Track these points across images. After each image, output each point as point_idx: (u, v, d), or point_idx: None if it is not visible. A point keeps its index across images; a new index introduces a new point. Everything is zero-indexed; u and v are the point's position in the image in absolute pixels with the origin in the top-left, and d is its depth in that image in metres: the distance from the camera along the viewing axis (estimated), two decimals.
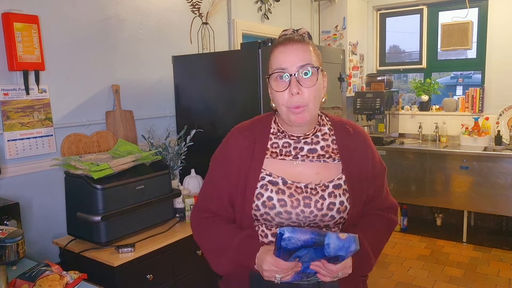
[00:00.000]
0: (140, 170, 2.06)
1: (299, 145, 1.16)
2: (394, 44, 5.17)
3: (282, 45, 1.10)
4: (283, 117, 1.13)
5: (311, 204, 1.11)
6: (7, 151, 1.94)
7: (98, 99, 2.34)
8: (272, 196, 1.10)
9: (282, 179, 1.13)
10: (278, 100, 1.10)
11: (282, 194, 1.11)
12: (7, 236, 1.23)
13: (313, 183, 1.13)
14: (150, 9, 2.65)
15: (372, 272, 1.24)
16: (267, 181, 1.12)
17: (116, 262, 1.76)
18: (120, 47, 2.46)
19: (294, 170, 1.14)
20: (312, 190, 1.12)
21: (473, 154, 3.80)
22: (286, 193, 1.11)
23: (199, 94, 2.56)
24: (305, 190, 1.12)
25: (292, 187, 1.12)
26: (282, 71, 1.08)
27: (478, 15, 4.31)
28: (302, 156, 1.15)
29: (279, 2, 3.86)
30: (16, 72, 1.96)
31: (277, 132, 1.18)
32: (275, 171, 1.14)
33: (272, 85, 1.11)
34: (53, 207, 2.12)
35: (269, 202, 1.10)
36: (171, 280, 2.04)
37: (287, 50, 1.09)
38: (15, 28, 1.89)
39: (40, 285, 1.38)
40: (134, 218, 1.98)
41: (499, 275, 3.32)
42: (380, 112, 4.30)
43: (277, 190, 1.11)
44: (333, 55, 2.84)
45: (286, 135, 1.17)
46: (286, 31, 1.16)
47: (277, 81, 1.09)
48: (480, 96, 4.20)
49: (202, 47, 2.84)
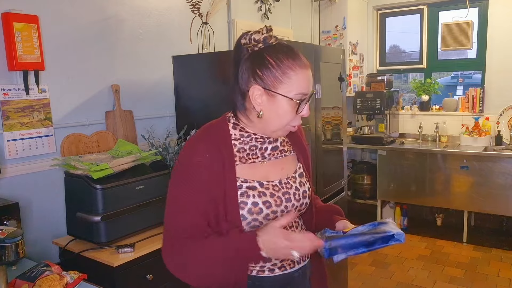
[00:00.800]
0: (140, 170, 2.06)
1: (264, 146, 1.16)
2: (394, 44, 5.17)
3: (304, 68, 1.08)
4: (274, 130, 1.11)
5: (291, 197, 1.15)
6: (7, 151, 1.93)
7: (98, 99, 2.34)
8: (256, 201, 1.09)
9: (258, 182, 1.12)
10: (283, 118, 1.08)
11: (264, 196, 1.10)
12: (7, 236, 1.23)
13: (283, 178, 1.17)
14: (150, 9, 2.65)
15: (372, 272, 1.24)
16: (246, 188, 1.10)
17: (116, 262, 1.76)
18: (120, 47, 2.46)
19: (264, 170, 1.15)
20: (286, 184, 1.16)
21: (473, 154, 3.80)
22: (267, 194, 1.11)
23: (199, 94, 2.56)
24: (281, 186, 1.15)
25: (269, 187, 1.13)
26: (305, 96, 1.08)
27: (478, 15, 4.30)
28: (268, 155, 1.16)
29: (279, 2, 3.86)
30: (16, 72, 1.96)
31: (240, 137, 1.14)
32: (249, 176, 1.12)
33: (284, 104, 1.07)
34: (53, 207, 2.12)
35: (255, 208, 1.08)
36: (171, 280, 2.04)
37: (309, 76, 1.09)
38: (15, 28, 1.89)
39: (40, 285, 1.38)
40: (134, 218, 1.97)
41: (499, 275, 3.32)
42: (380, 112, 4.30)
43: (258, 194, 1.10)
44: (333, 55, 2.84)
45: (252, 139, 1.14)
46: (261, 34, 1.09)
47: (293, 102, 1.07)
48: (480, 96, 4.20)
49: (202, 47, 2.83)
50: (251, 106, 1.10)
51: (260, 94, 1.07)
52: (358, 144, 4.49)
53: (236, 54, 1.14)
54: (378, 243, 1.07)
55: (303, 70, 1.07)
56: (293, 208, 1.15)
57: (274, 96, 1.06)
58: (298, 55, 1.09)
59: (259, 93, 1.07)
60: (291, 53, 1.08)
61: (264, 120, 1.09)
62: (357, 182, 4.61)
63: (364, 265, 3.57)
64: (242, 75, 1.11)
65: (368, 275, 3.38)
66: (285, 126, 1.10)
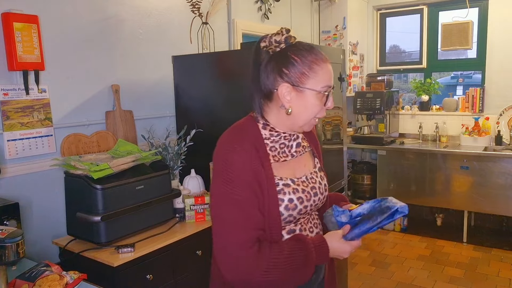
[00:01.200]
0: (140, 170, 2.06)
1: (290, 143, 1.21)
2: (394, 44, 5.17)
3: (327, 62, 1.14)
4: (302, 125, 1.16)
5: (317, 192, 1.23)
6: (7, 151, 1.93)
7: (98, 99, 2.34)
8: (292, 197, 1.15)
9: (291, 179, 1.18)
10: (311, 111, 1.14)
11: (297, 192, 1.16)
12: (6, 236, 1.23)
13: (308, 173, 1.24)
14: (150, 9, 2.65)
15: (372, 272, 1.29)
16: (282, 185, 1.15)
17: (116, 262, 1.76)
18: (120, 47, 2.46)
19: (292, 168, 1.21)
20: (311, 179, 1.24)
21: (473, 154, 3.80)
22: (299, 190, 1.17)
23: (199, 94, 2.56)
24: (308, 182, 1.22)
25: (300, 183, 1.19)
26: (329, 88, 1.15)
27: (478, 15, 4.31)
28: (295, 152, 1.22)
29: (279, 2, 3.86)
30: (16, 72, 1.96)
31: (270, 136, 1.18)
32: (282, 173, 1.17)
33: (312, 98, 1.12)
34: (53, 207, 2.12)
35: (291, 204, 1.14)
36: (171, 280, 2.04)
37: (331, 69, 1.15)
38: (15, 28, 1.89)
39: (40, 285, 1.38)
40: (134, 218, 1.97)
41: (499, 275, 3.32)
42: (380, 112, 4.30)
43: (293, 191, 1.16)
44: (333, 55, 2.83)
45: (281, 137, 1.18)
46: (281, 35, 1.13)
47: (323, 95, 1.13)
48: (480, 96, 4.20)
49: (202, 47, 2.84)
50: (279, 105, 1.14)
51: (289, 91, 1.12)
52: (358, 144, 4.49)
53: (256, 58, 1.17)
54: (385, 220, 1.17)
55: (326, 64, 1.14)
56: (319, 201, 1.24)
57: (302, 91, 1.12)
58: (319, 51, 1.15)
59: (288, 90, 1.12)
60: (312, 50, 1.14)
61: (293, 116, 1.14)
62: (357, 182, 4.61)
63: (364, 265, 3.57)
64: (267, 76, 1.14)
65: (368, 275, 3.38)
66: (312, 119, 1.16)
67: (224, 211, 1.09)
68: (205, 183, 2.40)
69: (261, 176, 1.11)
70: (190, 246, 2.13)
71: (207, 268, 1.24)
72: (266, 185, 1.11)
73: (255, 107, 1.19)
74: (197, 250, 2.17)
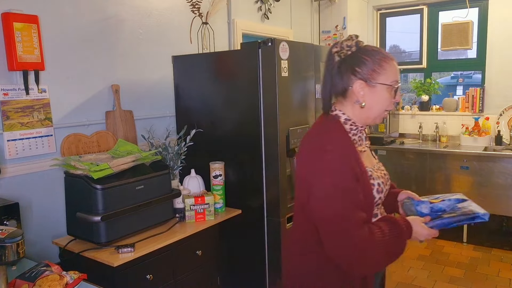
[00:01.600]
0: (140, 170, 2.06)
1: (363, 136, 1.38)
2: (394, 44, 5.16)
3: (393, 60, 1.29)
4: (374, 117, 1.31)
5: (388, 178, 1.40)
6: (7, 151, 1.93)
7: (98, 99, 2.34)
8: (379, 182, 1.31)
9: (371, 168, 1.34)
10: (382, 104, 1.29)
11: (379, 178, 1.33)
12: (6, 236, 1.23)
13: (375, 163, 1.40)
14: (150, 9, 2.65)
15: None
16: (369, 171, 1.31)
17: (116, 262, 1.76)
18: (120, 47, 2.46)
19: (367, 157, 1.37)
20: (379, 169, 1.40)
21: (473, 154, 3.80)
22: (379, 176, 1.34)
23: (199, 94, 2.56)
24: (381, 169, 1.40)
25: (377, 170, 1.36)
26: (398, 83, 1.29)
27: (478, 15, 4.30)
28: (366, 144, 1.40)
29: (279, 2, 3.86)
30: (16, 72, 1.96)
31: (350, 130, 1.32)
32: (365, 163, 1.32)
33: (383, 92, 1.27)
34: (53, 207, 2.12)
35: (379, 187, 1.31)
36: (171, 280, 2.04)
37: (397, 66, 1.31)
38: (15, 28, 1.89)
39: (40, 285, 1.38)
40: (134, 218, 1.98)
41: (499, 275, 3.32)
42: None
43: (377, 176, 1.32)
44: None
45: (359, 130, 1.34)
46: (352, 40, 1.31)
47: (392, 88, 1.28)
48: (480, 96, 4.20)
49: (202, 47, 2.84)
50: (353, 100, 1.29)
51: (362, 87, 1.27)
52: None
53: (329, 62, 1.33)
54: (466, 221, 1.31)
55: (392, 61, 1.29)
56: (389, 187, 1.41)
57: (375, 86, 1.27)
58: (384, 51, 1.32)
59: (361, 86, 1.27)
60: (379, 50, 1.31)
61: (366, 109, 1.29)
62: None
63: None
64: (341, 76, 1.29)
65: None
66: (383, 112, 1.31)
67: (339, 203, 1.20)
68: (205, 183, 2.40)
69: (355, 165, 1.25)
70: (190, 246, 2.13)
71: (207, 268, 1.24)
72: (360, 173, 1.25)
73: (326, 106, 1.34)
74: (197, 250, 2.17)
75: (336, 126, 1.31)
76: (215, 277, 2.34)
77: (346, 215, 1.19)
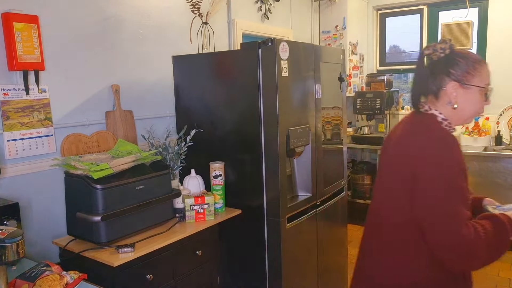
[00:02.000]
0: (140, 170, 2.06)
1: None
2: (394, 44, 5.16)
3: (486, 63, 1.32)
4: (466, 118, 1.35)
5: None
6: (7, 151, 1.94)
7: (98, 99, 2.34)
8: None
9: None
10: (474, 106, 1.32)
11: None
12: (6, 236, 1.23)
13: None
14: (150, 9, 2.64)
15: None
16: None
17: (116, 262, 1.76)
18: (120, 47, 2.46)
19: None
20: None
21: (473, 154, 3.80)
22: None
23: (199, 94, 2.56)
24: None
25: None
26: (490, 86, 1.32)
27: (478, 15, 4.30)
28: None
29: (279, 2, 3.87)
30: (16, 72, 1.96)
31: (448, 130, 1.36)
32: None
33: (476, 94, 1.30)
34: (53, 207, 2.12)
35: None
36: (171, 280, 2.04)
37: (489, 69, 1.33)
38: (15, 28, 1.89)
39: (40, 285, 1.38)
40: (134, 218, 1.97)
41: (499, 275, 3.31)
42: (380, 112, 4.30)
43: None
44: (333, 55, 2.84)
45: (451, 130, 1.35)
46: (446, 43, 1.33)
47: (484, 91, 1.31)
48: None
49: (202, 47, 2.84)
50: (446, 101, 1.32)
51: (456, 88, 1.30)
52: (358, 144, 4.49)
53: (420, 64, 1.38)
54: None
55: (485, 65, 1.32)
56: None
57: (468, 88, 1.30)
58: (477, 55, 1.35)
59: (455, 87, 1.30)
60: (472, 53, 1.34)
61: (458, 110, 1.32)
62: (357, 182, 4.61)
63: None
64: (434, 77, 1.33)
65: None
66: (474, 114, 1.34)
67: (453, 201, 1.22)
68: (205, 183, 2.40)
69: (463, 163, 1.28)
70: (190, 246, 2.13)
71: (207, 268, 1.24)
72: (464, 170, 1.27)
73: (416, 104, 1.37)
74: (197, 250, 2.17)
75: (438, 126, 1.33)
76: (215, 277, 2.34)
77: (457, 212, 1.21)
